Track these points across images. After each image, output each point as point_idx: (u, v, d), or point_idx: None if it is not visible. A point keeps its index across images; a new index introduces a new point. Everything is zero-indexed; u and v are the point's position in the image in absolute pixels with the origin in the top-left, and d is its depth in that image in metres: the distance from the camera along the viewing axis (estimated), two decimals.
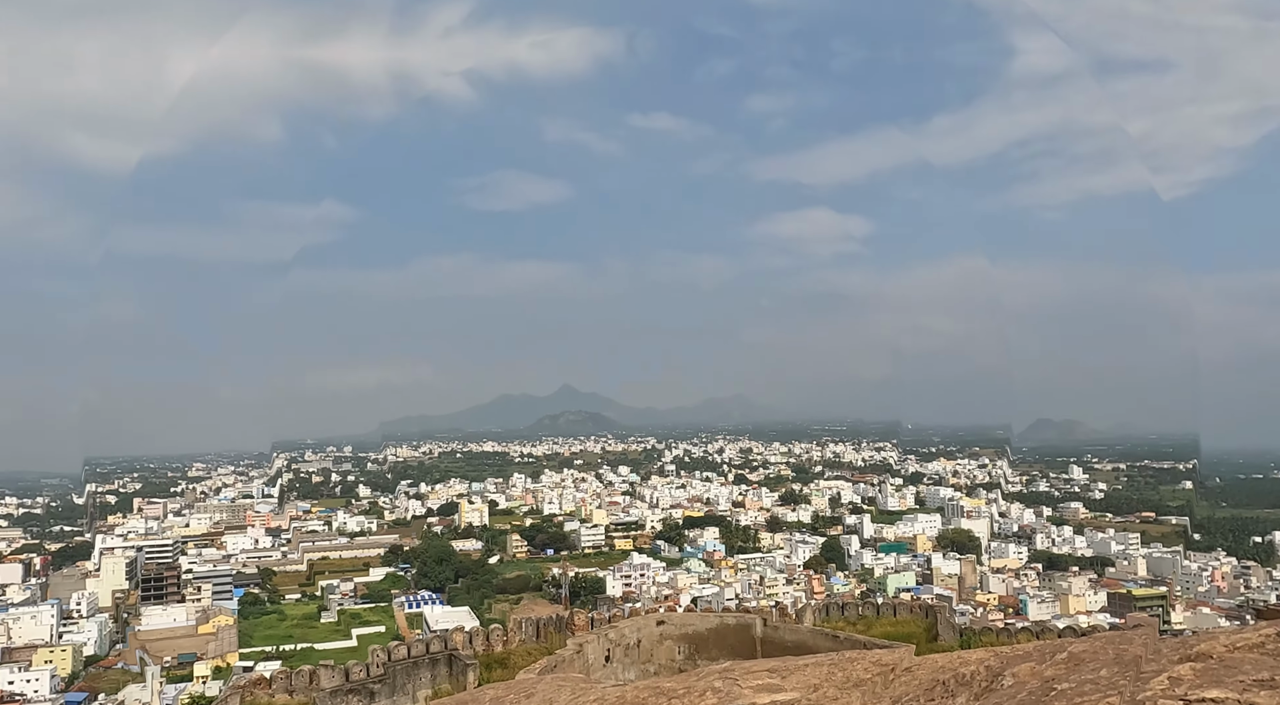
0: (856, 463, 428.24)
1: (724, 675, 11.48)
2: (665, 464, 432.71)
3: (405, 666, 30.68)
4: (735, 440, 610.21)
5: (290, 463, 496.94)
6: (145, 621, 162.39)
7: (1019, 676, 4.78)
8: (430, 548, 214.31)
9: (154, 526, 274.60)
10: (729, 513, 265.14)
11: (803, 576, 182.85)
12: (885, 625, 37.11)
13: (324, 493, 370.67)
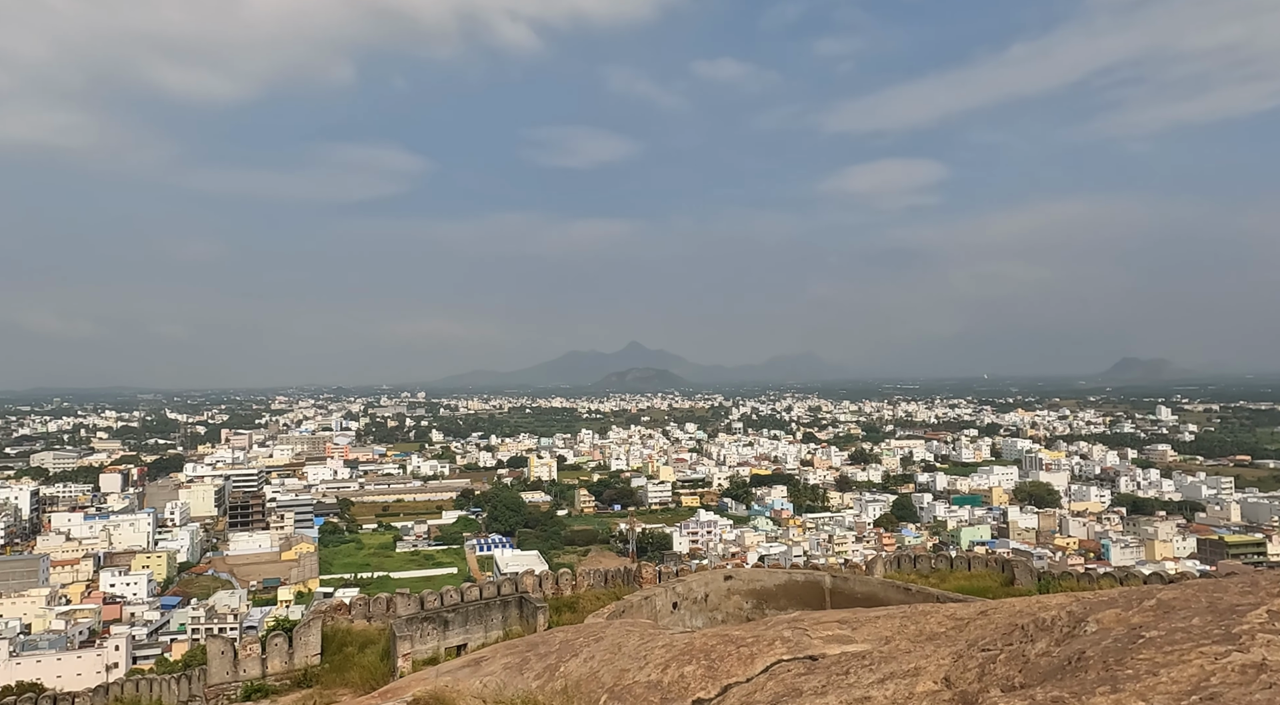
0: (930, 421, 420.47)
1: (793, 625, 11.80)
2: (732, 421, 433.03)
3: (478, 606, 32.01)
4: (803, 398, 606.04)
5: (367, 407, 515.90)
6: (232, 547, 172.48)
7: (1103, 623, 4.85)
8: (500, 495, 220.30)
9: (240, 456, 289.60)
10: (797, 471, 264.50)
11: (872, 534, 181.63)
12: (959, 579, 36.39)
13: (398, 437, 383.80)
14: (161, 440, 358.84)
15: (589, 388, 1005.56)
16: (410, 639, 28.41)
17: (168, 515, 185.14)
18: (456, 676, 17.67)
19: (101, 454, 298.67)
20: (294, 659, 30.87)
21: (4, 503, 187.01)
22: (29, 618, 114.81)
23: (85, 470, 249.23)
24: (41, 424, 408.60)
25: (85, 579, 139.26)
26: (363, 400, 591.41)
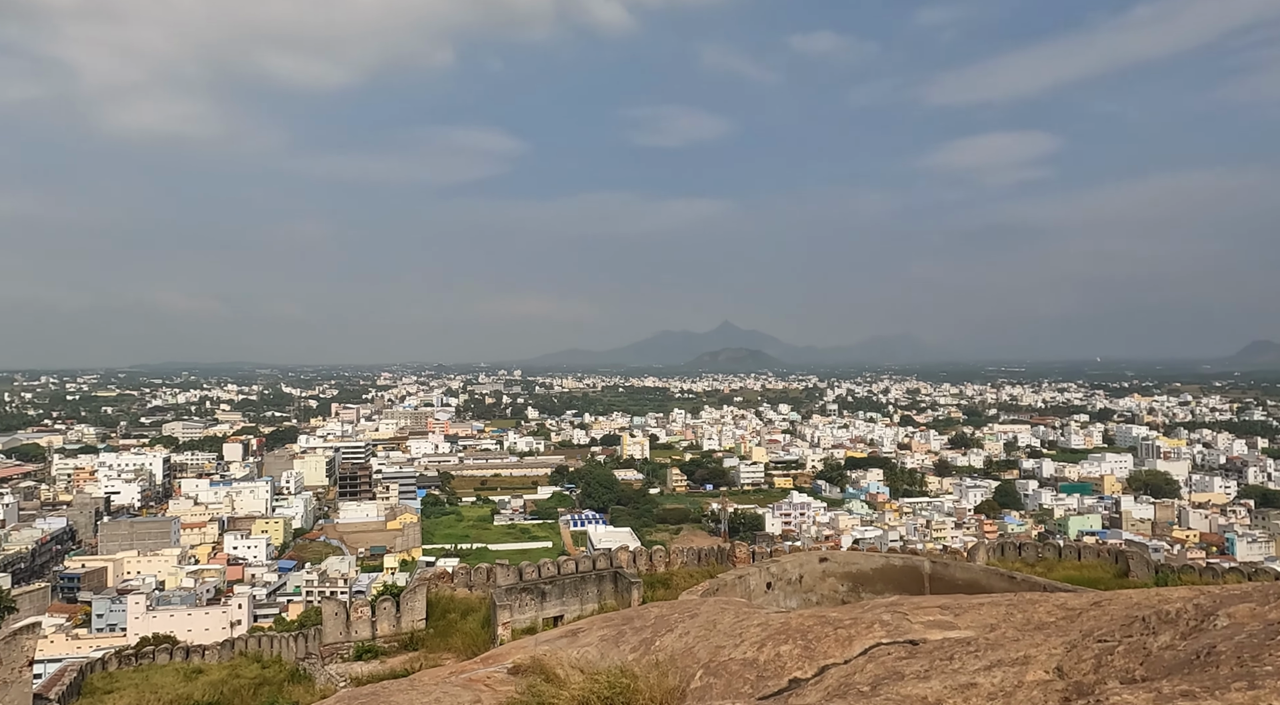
0: (1036, 405, 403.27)
1: (892, 609, 11.62)
2: (827, 403, 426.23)
3: (574, 579, 32.77)
4: (901, 380, 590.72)
5: (466, 384, 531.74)
6: (342, 515, 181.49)
7: (1236, 617, 4.57)
8: (594, 472, 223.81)
9: (348, 430, 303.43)
10: (894, 455, 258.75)
11: (973, 521, 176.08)
12: (1067, 569, 34.75)
13: (496, 413, 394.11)
14: (278, 413, 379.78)
15: (681, 367, 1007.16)
16: (510, 608, 29.36)
17: (283, 484, 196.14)
18: (555, 646, 18.18)
19: (224, 425, 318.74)
20: (401, 623, 32.38)
21: (141, 469, 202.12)
22: (163, 575, 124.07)
23: (210, 440, 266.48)
24: (172, 396, 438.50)
25: (211, 541, 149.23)
26: (462, 377, 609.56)
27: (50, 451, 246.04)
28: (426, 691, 14.94)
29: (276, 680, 31.07)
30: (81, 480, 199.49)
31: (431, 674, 19.73)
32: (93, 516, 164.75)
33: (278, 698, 27.73)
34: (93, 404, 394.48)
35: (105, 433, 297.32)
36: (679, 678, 12.51)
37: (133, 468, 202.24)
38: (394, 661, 28.94)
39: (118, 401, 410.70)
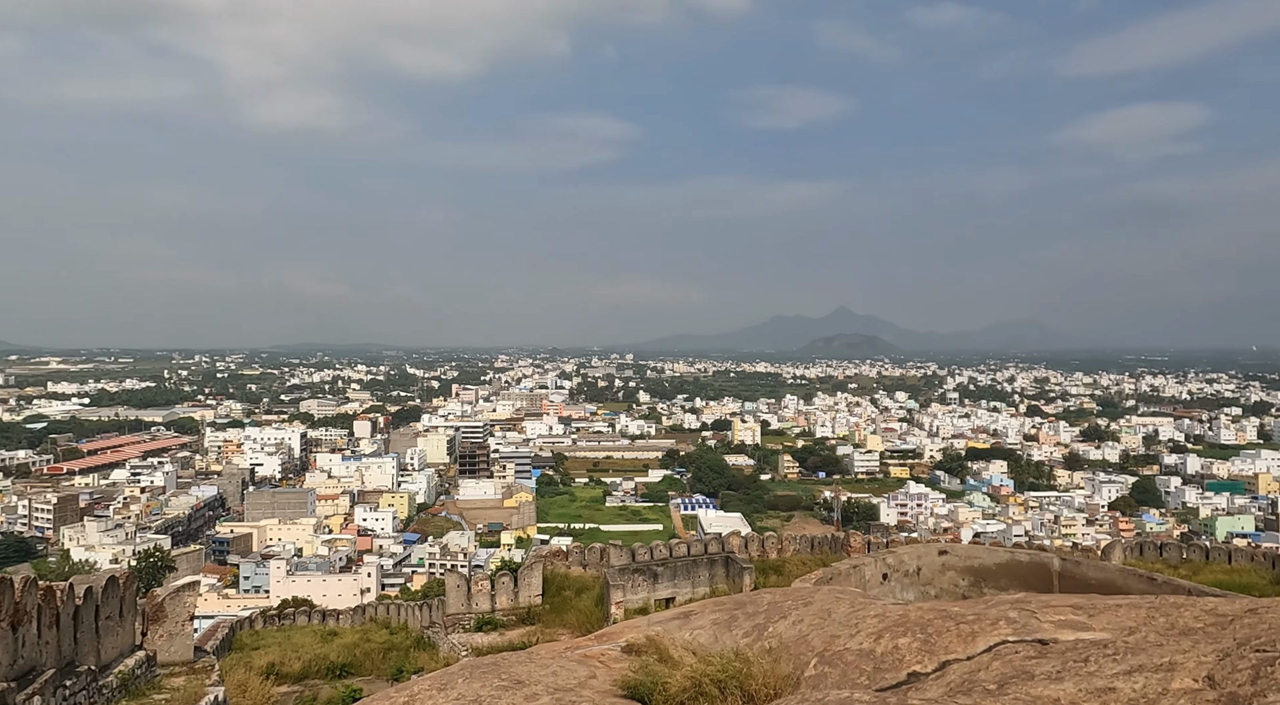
0: (1180, 396, 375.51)
1: (1019, 606, 11.17)
2: (947, 391, 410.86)
3: (686, 562, 33.00)
4: (1029, 368, 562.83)
5: (579, 367, 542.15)
6: (462, 492, 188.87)
7: None
8: (704, 457, 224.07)
9: (468, 410, 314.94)
10: (1019, 446, 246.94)
11: (1106, 518, 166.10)
12: (1215, 572, 32.20)
13: (608, 396, 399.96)
14: (403, 393, 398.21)
15: (794, 353, 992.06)
16: (623, 588, 29.88)
17: (408, 460, 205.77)
18: (667, 627, 18.37)
19: (355, 403, 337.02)
20: (518, 597, 33.50)
21: (281, 443, 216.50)
22: (300, 542, 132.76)
23: (342, 417, 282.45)
24: (307, 375, 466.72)
25: (343, 512, 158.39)
26: (575, 361, 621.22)
27: (203, 425, 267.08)
28: (544, 665, 15.41)
29: (403, 646, 32.79)
30: (230, 452, 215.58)
31: (548, 648, 20.33)
32: (240, 486, 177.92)
33: (405, 662, 29.27)
34: (239, 382, 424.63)
35: (250, 408, 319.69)
36: (792, 665, 12.44)
37: (274, 442, 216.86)
38: (512, 634, 30.00)
39: (261, 380, 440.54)
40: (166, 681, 15.52)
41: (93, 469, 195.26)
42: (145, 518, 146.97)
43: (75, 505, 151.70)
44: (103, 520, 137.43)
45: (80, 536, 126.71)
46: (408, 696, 14.63)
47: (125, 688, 14.38)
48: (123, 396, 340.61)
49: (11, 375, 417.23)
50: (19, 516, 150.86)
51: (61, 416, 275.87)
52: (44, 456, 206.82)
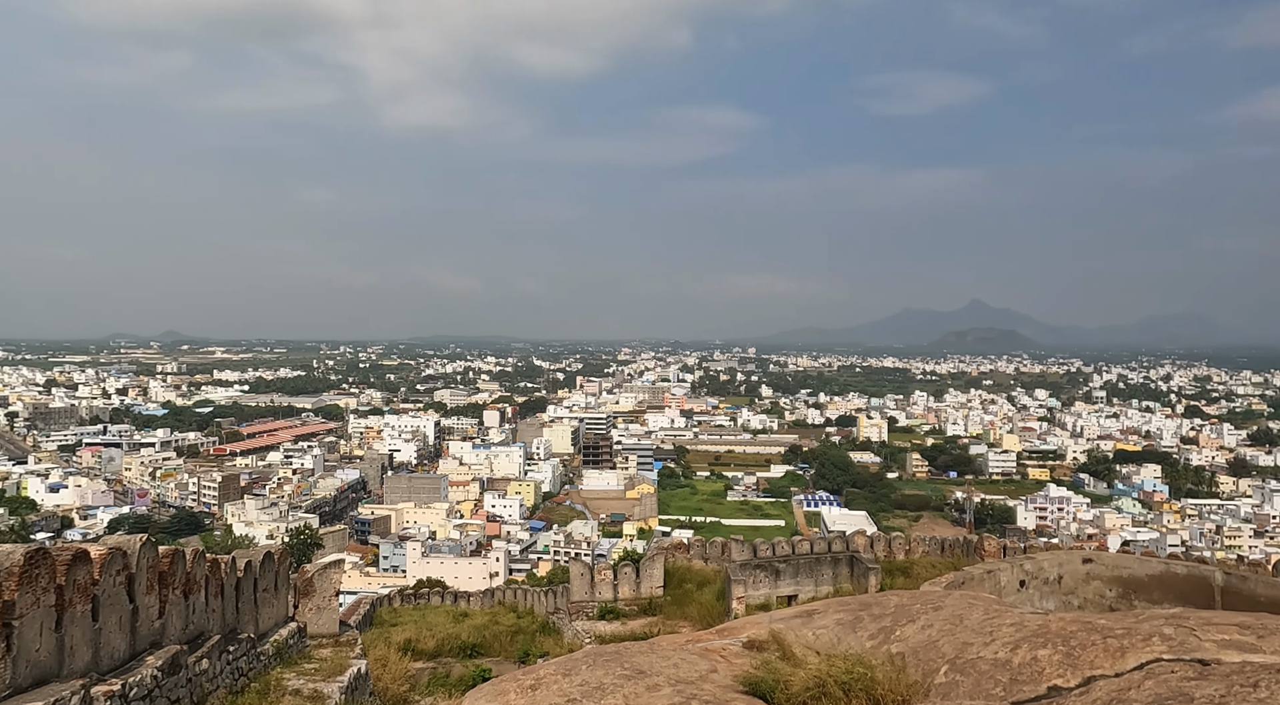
0: None
1: (1175, 622, 10.36)
2: (1093, 389, 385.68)
3: (808, 560, 32.47)
4: (1188, 366, 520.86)
5: (701, 360, 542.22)
6: (585, 482, 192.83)
7: None
8: (828, 453, 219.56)
9: (591, 402, 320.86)
10: (1175, 449, 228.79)
11: (1279, 529, 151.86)
12: None
13: (730, 390, 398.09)
14: (529, 384, 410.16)
15: (924, 348, 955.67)
16: (744, 584, 29.72)
17: (534, 450, 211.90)
18: (789, 625, 18.11)
19: (484, 393, 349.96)
20: (640, 588, 33.91)
21: (416, 430, 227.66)
22: (434, 526, 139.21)
23: (472, 407, 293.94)
24: (441, 366, 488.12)
25: (473, 498, 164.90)
26: (697, 354, 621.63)
27: (347, 412, 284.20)
28: (666, 656, 15.52)
29: (530, 630, 33.80)
30: (370, 438, 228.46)
31: (670, 640, 20.44)
32: (379, 470, 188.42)
33: (531, 646, 30.20)
34: (379, 371, 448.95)
35: (389, 397, 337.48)
36: (921, 671, 12.02)
37: (410, 429, 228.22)
38: (634, 624, 30.41)
39: (399, 370, 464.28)
40: (315, 652, 16.64)
41: (251, 451, 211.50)
42: (296, 498, 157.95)
43: (236, 484, 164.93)
44: (260, 499, 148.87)
45: (241, 513, 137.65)
46: (534, 679, 15.03)
47: (280, 656, 15.52)
48: (277, 384, 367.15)
49: (184, 364, 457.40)
50: (189, 493, 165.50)
51: (225, 402, 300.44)
52: (210, 438, 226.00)
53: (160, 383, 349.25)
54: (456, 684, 23.73)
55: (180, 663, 11.62)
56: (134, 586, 11.24)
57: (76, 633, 9.91)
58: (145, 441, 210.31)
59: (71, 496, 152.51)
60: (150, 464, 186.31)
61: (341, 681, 13.96)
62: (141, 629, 11.40)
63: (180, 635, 12.44)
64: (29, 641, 9.07)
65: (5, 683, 8.70)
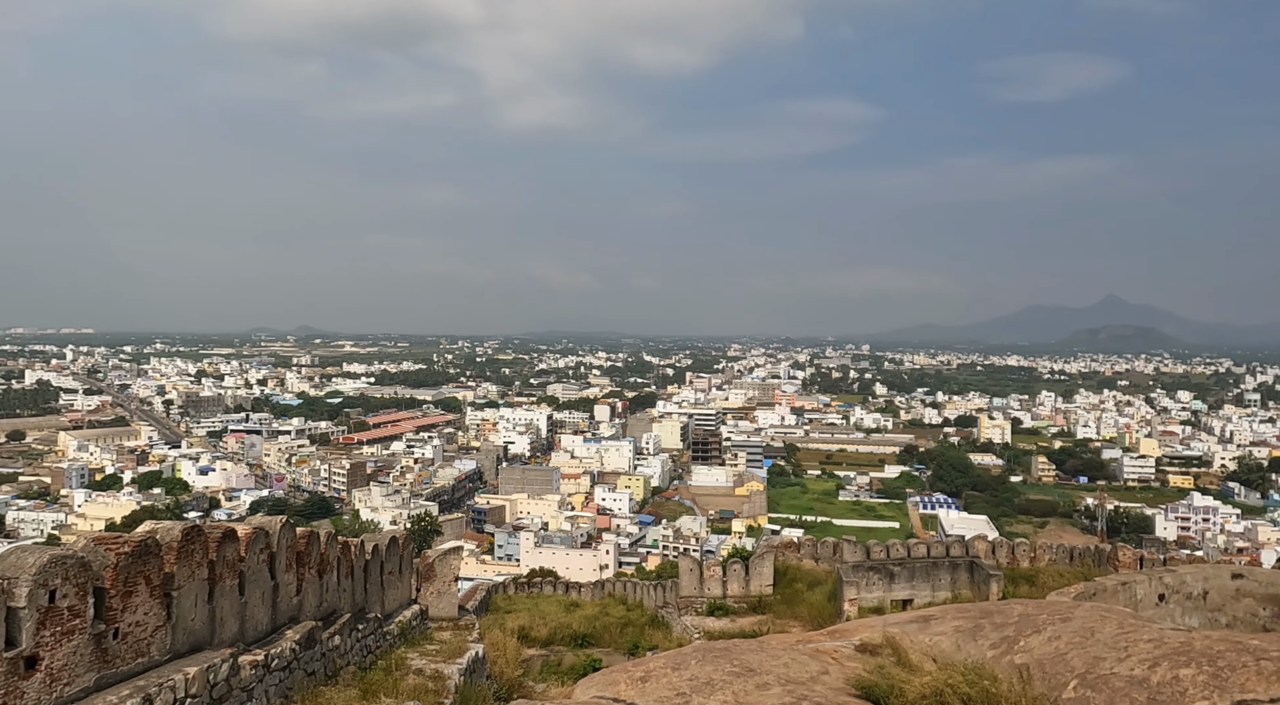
0: None
1: None
2: (1245, 391, 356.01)
3: (924, 564, 31.44)
4: None
5: (812, 357, 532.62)
6: (694, 478, 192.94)
7: None
8: (946, 454, 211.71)
9: (700, 398, 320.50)
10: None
11: None
12: None
13: (842, 388, 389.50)
14: (639, 379, 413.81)
15: (1052, 346, 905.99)
16: (856, 585, 29.08)
17: (644, 444, 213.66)
18: (904, 630, 17.61)
19: (595, 388, 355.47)
20: (749, 585, 33.71)
21: (530, 424, 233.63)
22: (546, 517, 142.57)
23: (583, 401, 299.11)
24: (553, 361, 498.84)
25: (584, 491, 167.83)
26: (809, 351, 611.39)
27: (464, 404, 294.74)
28: (775, 655, 15.38)
29: (639, 623, 34.18)
30: (486, 430, 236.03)
31: (779, 639, 20.26)
32: (495, 461, 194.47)
33: (640, 639, 30.53)
34: (495, 366, 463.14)
35: (504, 390, 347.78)
36: (1047, 685, 11.47)
37: (524, 422, 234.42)
38: (743, 621, 30.26)
39: (513, 364, 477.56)
40: (436, 634, 17.39)
41: (376, 440, 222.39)
42: (417, 486, 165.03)
43: (363, 471, 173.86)
44: (384, 486, 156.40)
45: (367, 499, 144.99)
46: (644, 672, 15.18)
47: (404, 636, 16.29)
48: (400, 377, 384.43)
49: (316, 357, 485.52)
50: (321, 479, 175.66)
51: (353, 393, 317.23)
52: (340, 428, 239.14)
53: (295, 374, 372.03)
54: (568, 672, 24.27)
55: (316, 638, 12.39)
56: (275, 564, 12.06)
57: (225, 605, 10.73)
58: (282, 429, 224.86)
59: (218, 479, 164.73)
60: (286, 450, 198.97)
61: (461, 664, 14.52)
62: (281, 604, 12.21)
63: (315, 612, 13.26)
64: (186, 611, 9.89)
65: (166, 647, 9.51)
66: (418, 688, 12.50)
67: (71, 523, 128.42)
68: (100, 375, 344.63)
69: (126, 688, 8.64)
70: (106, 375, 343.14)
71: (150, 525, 10.08)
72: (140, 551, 9.09)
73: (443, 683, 13.18)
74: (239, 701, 10.00)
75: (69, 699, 8.11)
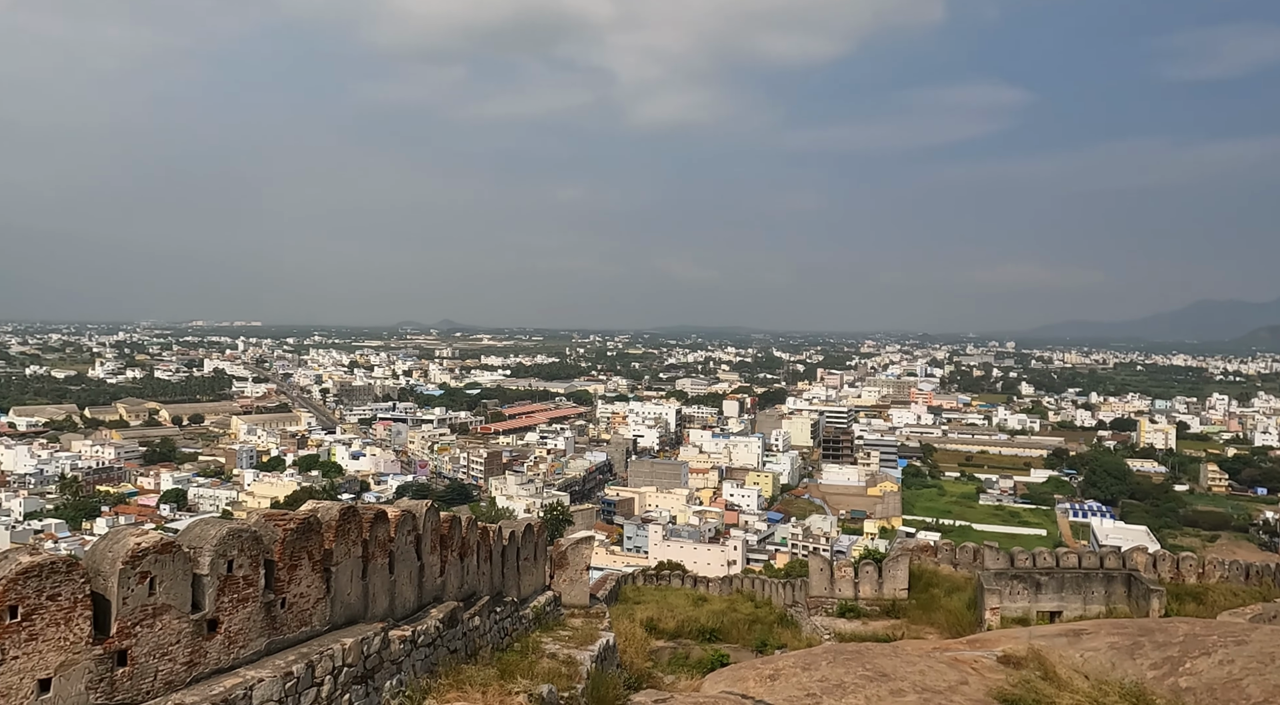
0: None
1: None
2: None
3: (1075, 576, 29.55)
4: None
5: (952, 354, 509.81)
6: (824, 476, 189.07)
7: None
8: (1100, 459, 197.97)
9: (832, 395, 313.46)
10: None
11: None
12: None
13: (984, 387, 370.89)
14: (768, 375, 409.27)
15: (1226, 344, 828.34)
16: (999, 594, 27.73)
17: (772, 441, 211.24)
18: (1053, 643, 16.64)
19: (724, 383, 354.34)
20: (882, 588, 32.75)
21: (658, 418, 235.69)
22: (674, 510, 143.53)
23: (712, 396, 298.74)
24: (682, 356, 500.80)
25: (712, 486, 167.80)
26: (947, 348, 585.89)
27: (595, 397, 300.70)
28: (910, 661, 14.88)
29: (767, 621, 33.88)
30: (616, 423, 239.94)
31: (915, 645, 19.59)
32: (624, 454, 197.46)
33: (769, 636, 30.26)
34: (625, 360, 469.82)
35: (633, 384, 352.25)
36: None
37: (653, 416, 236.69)
38: (876, 625, 29.46)
39: (643, 359, 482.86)
40: (568, 620, 17.88)
41: (511, 430, 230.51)
42: (550, 476, 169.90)
43: (499, 460, 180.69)
44: (519, 475, 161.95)
45: (503, 487, 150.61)
46: (773, 670, 15.03)
47: (538, 620, 16.85)
48: (534, 370, 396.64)
49: (456, 349, 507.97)
50: (460, 466, 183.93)
51: (490, 385, 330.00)
52: (477, 418, 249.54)
53: (438, 366, 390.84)
54: (696, 666, 24.38)
55: (457, 617, 13.02)
56: (420, 546, 12.76)
57: (377, 582, 11.45)
58: (425, 418, 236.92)
59: (368, 464, 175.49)
60: (429, 438, 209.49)
61: (592, 651, 14.88)
62: (426, 584, 12.91)
63: (456, 593, 13.93)
64: (343, 585, 10.63)
65: (326, 618, 10.26)
66: (551, 671, 12.90)
67: (242, 500, 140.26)
68: (267, 365, 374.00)
69: (292, 653, 9.39)
70: (272, 365, 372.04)
71: (312, 504, 10.90)
72: (304, 528, 9.84)
73: (575, 668, 13.54)
74: (389, 673, 10.66)
75: (244, 660, 8.89)
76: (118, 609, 7.60)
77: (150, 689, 7.86)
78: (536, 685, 11.53)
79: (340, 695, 9.64)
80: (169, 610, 8.05)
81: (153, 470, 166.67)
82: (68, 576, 7.23)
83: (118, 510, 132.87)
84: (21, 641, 6.93)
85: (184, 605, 8.23)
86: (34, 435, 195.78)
